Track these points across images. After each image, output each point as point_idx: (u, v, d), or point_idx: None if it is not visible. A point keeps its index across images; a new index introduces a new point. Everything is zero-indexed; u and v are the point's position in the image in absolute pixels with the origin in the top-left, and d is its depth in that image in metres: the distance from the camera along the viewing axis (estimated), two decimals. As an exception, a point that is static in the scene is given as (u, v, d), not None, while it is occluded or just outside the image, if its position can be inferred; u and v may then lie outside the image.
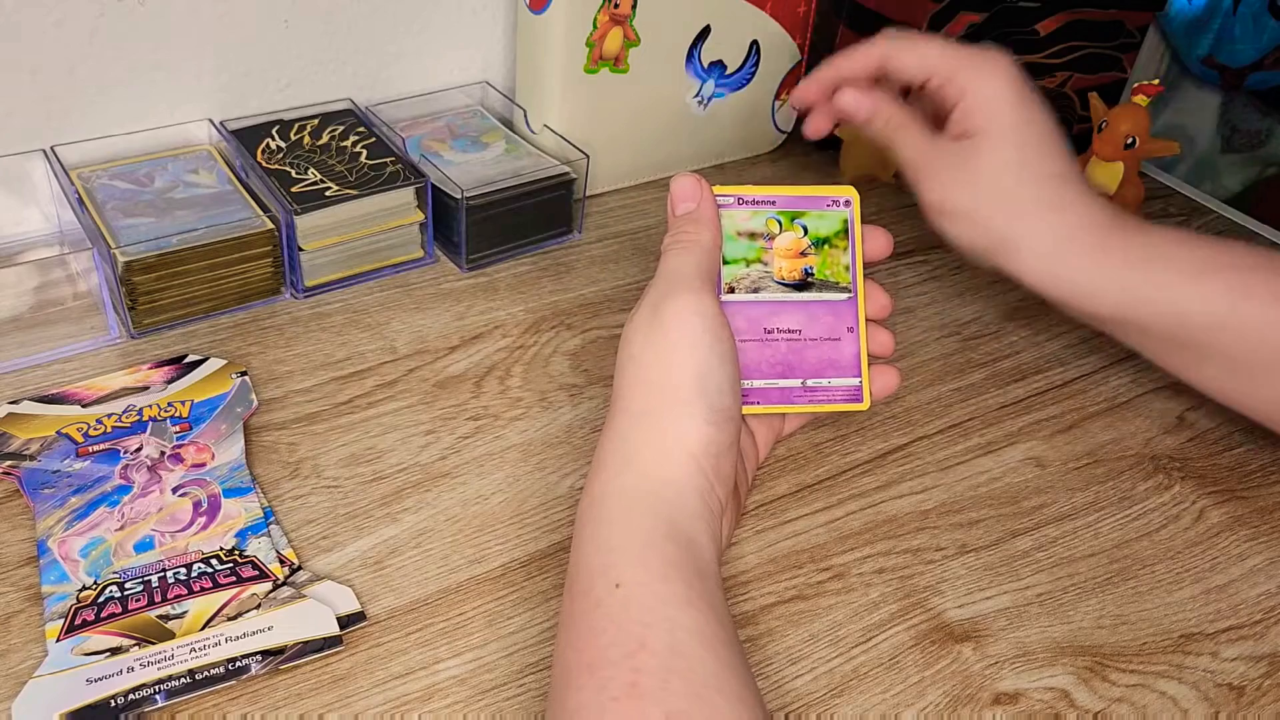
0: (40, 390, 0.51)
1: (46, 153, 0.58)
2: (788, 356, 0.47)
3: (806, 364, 0.47)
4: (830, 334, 0.47)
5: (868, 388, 0.48)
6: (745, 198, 0.47)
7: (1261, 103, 0.96)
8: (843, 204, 0.48)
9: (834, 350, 0.47)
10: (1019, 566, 0.47)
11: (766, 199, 0.47)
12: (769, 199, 0.47)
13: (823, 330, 0.47)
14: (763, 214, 0.47)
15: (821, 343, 0.47)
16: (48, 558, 0.43)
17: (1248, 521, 0.50)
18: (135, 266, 0.53)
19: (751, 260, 0.47)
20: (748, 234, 0.47)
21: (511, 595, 0.44)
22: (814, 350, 0.47)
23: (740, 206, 0.47)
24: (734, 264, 0.47)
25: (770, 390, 0.47)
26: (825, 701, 0.41)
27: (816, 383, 0.47)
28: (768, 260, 0.47)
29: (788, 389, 0.47)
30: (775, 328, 0.47)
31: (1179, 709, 0.42)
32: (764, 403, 0.46)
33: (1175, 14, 0.91)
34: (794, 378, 0.47)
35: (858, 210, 0.48)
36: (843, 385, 0.47)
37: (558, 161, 0.64)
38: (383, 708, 0.39)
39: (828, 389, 0.47)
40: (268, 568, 0.43)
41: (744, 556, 0.46)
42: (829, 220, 0.48)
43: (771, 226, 0.47)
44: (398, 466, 0.49)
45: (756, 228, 0.47)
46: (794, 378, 0.47)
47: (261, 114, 0.64)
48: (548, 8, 0.62)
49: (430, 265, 0.62)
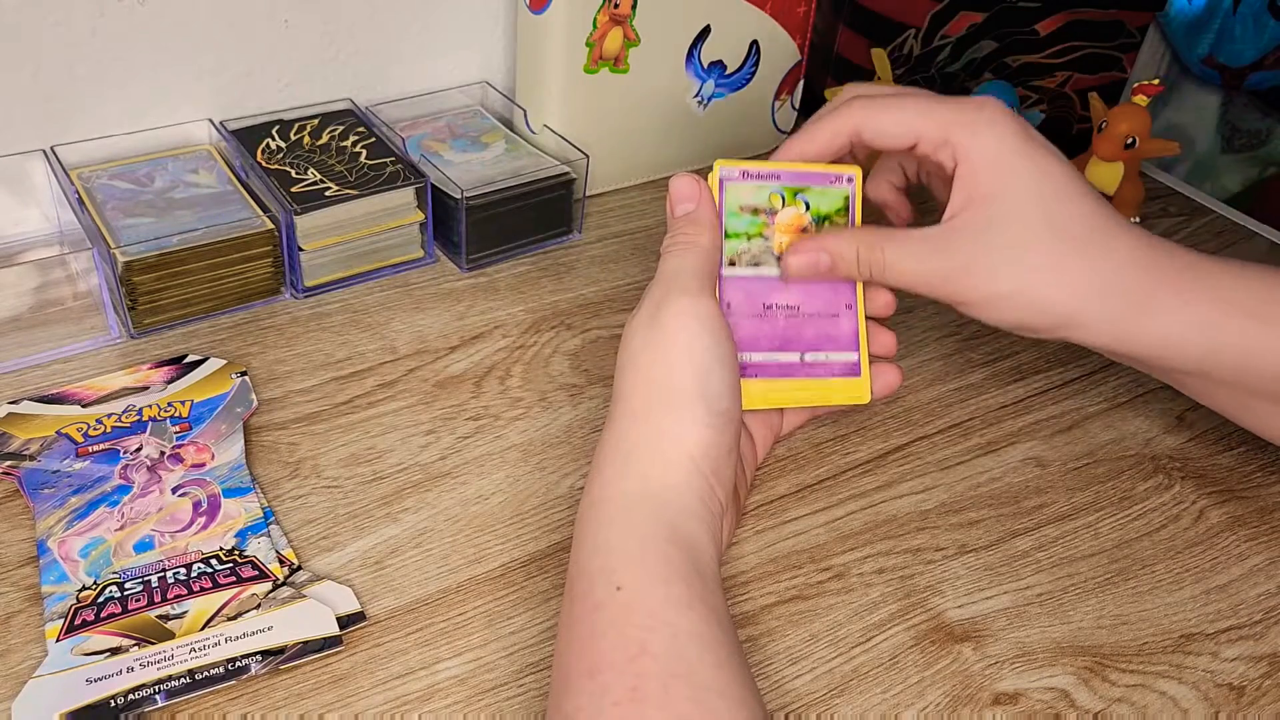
0: (40, 390, 0.51)
1: (46, 153, 0.58)
2: (786, 331, 0.47)
3: (804, 339, 0.47)
4: (828, 310, 0.47)
5: (866, 367, 0.48)
6: (750, 171, 0.47)
7: (1261, 103, 0.96)
8: (845, 180, 0.48)
9: (832, 326, 0.47)
10: (1019, 566, 0.47)
11: (771, 173, 0.47)
12: (773, 173, 0.47)
13: (821, 306, 0.47)
14: (766, 188, 0.47)
15: (820, 318, 0.47)
16: (48, 558, 0.43)
17: (1248, 521, 0.50)
18: (135, 266, 0.53)
19: (753, 235, 0.47)
20: (750, 209, 0.47)
21: (511, 595, 0.44)
22: (812, 326, 0.47)
23: (745, 180, 0.47)
24: (735, 238, 0.47)
25: (769, 364, 0.47)
26: (825, 701, 0.41)
27: (814, 357, 0.47)
28: (769, 235, 0.47)
29: (786, 363, 0.47)
30: (774, 303, 0.47)
31: (1179, 709, 0.42)
32: (762, 375, 0.46)
33: (1175, 14, 0.91)
34: (792, 351, 0.47)
35: (859, 187, 0.48)
36: (840, 360, 0.47)
37: (558, 161, 0.64)
38: (383, 708, 0.39)
39: (825, 364, 0.47)
40: (268, 568, 0.43)
41: (744, 556, 0.46)
42: (831, 197, 0.48)
43: (774, 201, 0.47)
44: (398, 466, 0.49)
45: (759, 203, 0.47)
46: (792, 351, 0.47)
47: (261, 114, 0.64)
48: (548, 8, 0.62)
49: (430, 265, 0.62)
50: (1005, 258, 0.44)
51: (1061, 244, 0.44)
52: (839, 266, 0.46)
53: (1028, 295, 0.44)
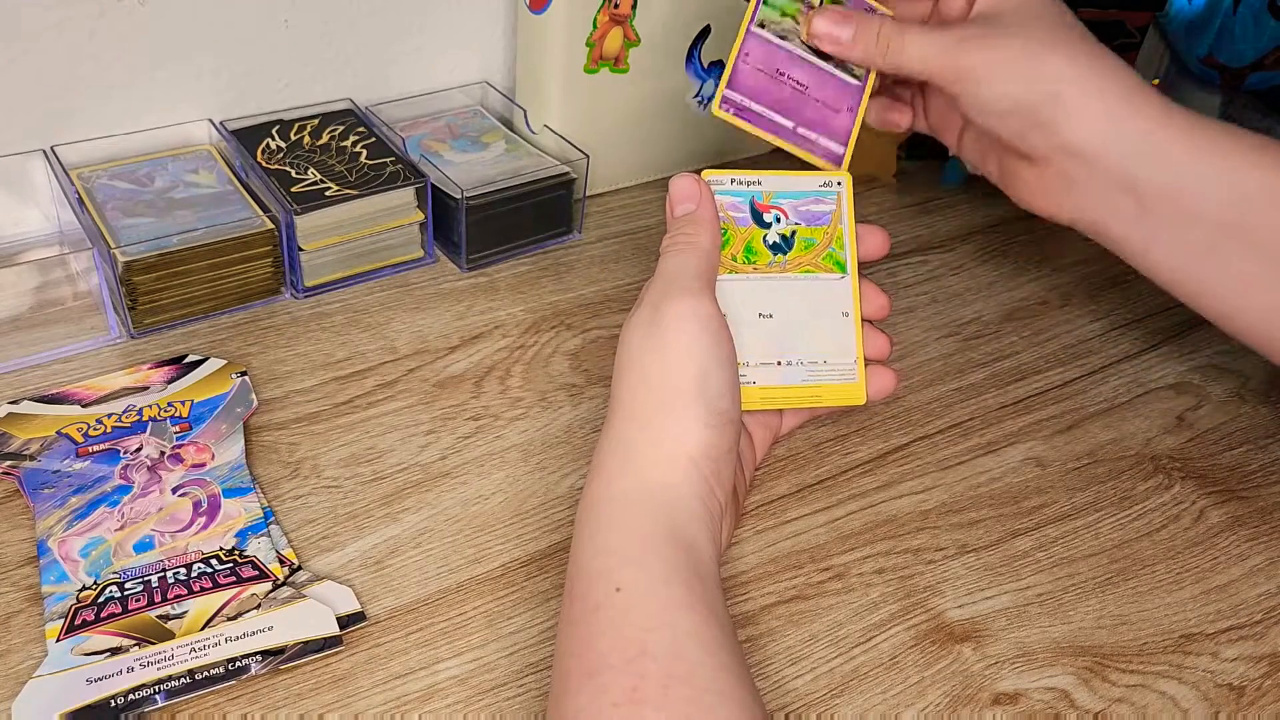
0: (40, 390, 0.51)
1: (46, 153, 0.58)
2: (789, 101, 0.48)
3: (803, 114, 0.48)
4: (833, 103, 0.49)
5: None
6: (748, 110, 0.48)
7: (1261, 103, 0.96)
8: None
9: (831, 116, 0.49)
10: (1019, 566, 0.47)
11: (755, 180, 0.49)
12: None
13: (827, 96, 0.49)
14: None
15: (822, 106, 0.49)
16: (48, 558, 0.43)
17: (1248, 521, 0.50)
18: (135, 266, 0.53)
19: (788, 13, 0.49)
20: None
21: (511, 595, 0.44)
22: (813, 108, 0.49)
23: None
24: (771, 7, 0.49)
25: (765, 118, 0.48)
26: (825, 701, 0.41)
27: (806, 132, 0.48)
28: (801, 23, 0.49)
29: (779, 124, 0.48)
30: (788, 74, 0.48)
31: (1179, 709, 0.42)
32: (755, 125, 0.48)
33: (1175, 14, 0.91)
34: (789, 118, 0.48)
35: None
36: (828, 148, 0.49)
37: (558, 161, 0.64)
38: (383, 708, 0.39)
39: (813, 144, 0.48)
40: (268, 568, 0.43)
41: (744, 556, 0.46)
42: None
43: None
44: (398, 466, 0.49)
45: None
46: (789, 118, 0.48)
47: (261, 114, 0.64)
48: (548, 8, 0.62)
49: (430, 265, 0.62)
50: (1013, 26, 0.46)
51: (1068, 32, 0.46)
52: (859, 38, 0.48)
53: (1028, 60, 0.45)
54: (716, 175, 0.48)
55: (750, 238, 0.48)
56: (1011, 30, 0.46)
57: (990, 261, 0.68)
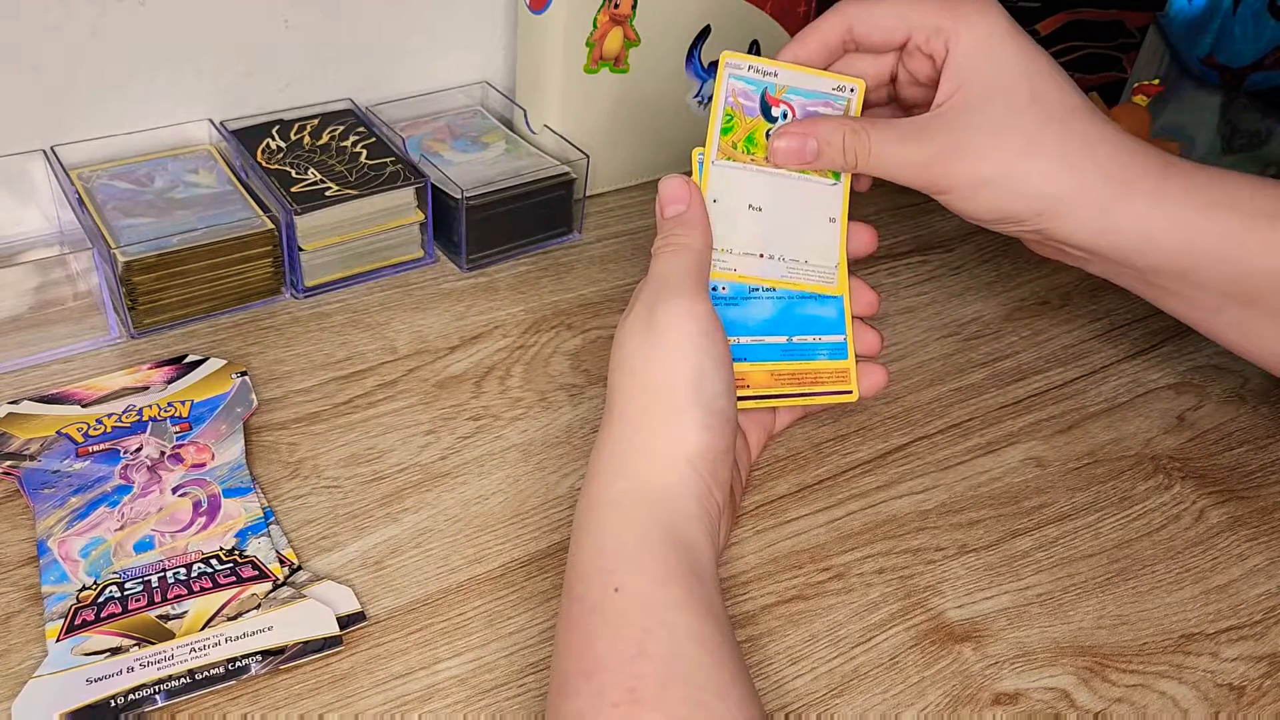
0: (40, 390, 0.51)
1: (46, 153, 0.58)
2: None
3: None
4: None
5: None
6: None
7: (1261, 103, 0.96)
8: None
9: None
10: (1019, 566, 0.47)
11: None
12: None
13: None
14: None
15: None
16: (48, 558, 0.43)
17: (1248, 521, 0.50)
18: (135, 266, 0.53)
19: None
20: None
21: (512, 595, 0.44)
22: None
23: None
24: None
25: None
26: (825, 701, 0.41)
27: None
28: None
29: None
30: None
31: (1179, 709, 0.42)
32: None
33: (1175, 14, 0.91)
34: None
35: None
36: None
37: (558, 161, 0.64)
38: (383, 708, 0.39)
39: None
40: (268, 568, 0.43)
41: (744, 556, 0.46)
42: None
43: None
44: (398, 466, 0.49)
45: None
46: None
47: (261, 114, 0.64)
48: (548, 8, 0.62)
49: (430, 265, 0.62)
50: (988, 137, 0.44)
51: (1045, 125, 0.44)
52: (824, 153, 0.46)
53: (1008, 179, 0.44)
54: (736, 59, 0.47)
55: (754, 129, 0.47)
56: (984, 133, 0.44)
57: (990, 261, 0.68)
